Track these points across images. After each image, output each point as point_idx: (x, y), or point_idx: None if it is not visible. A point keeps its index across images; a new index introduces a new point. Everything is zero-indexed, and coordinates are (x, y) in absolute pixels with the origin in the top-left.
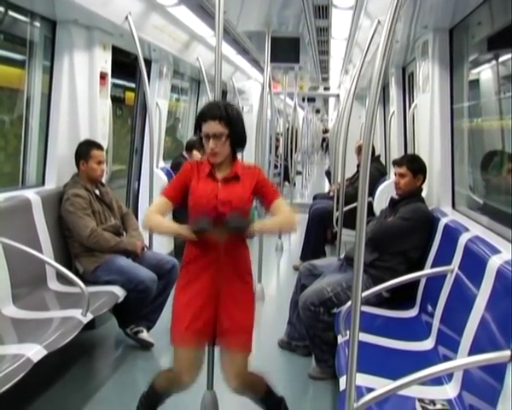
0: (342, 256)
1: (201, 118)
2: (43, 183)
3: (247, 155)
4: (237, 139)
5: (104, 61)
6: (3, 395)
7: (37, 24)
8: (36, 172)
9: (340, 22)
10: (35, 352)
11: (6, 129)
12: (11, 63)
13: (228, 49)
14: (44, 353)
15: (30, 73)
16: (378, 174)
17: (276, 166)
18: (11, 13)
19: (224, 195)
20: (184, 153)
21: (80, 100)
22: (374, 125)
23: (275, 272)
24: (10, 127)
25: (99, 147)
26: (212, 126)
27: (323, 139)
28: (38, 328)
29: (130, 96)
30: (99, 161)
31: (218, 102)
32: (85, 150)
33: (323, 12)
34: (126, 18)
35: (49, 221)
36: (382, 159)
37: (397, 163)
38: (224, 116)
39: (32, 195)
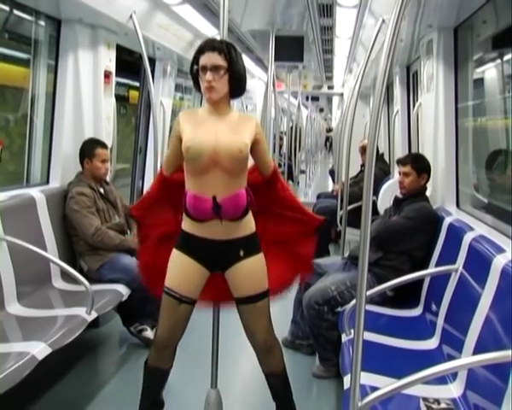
0: (346, 255)
1: (200, 50)
2: (47, 181)
3: None
4: (237, 79)
5: (108, 59)
6: (9, 393)
7: (42, 23)
8: (40, 170)
9: (344, 21)
10: (40, 350)
11: (11, 128)
12: (16, 62)
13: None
14: (49, 351)
15: (34, 72)
16: (382, 174)
17: (279, 165)
18: (16, 12)
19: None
20: None
21: (85, 98)
22: (379, 124)
23: None
24: (15, 126)
25: (103, 145)
26: (210, 57)
27: (327, 138)
28: (43, 326)
29: (134, 94)
30: (103, 160)
31: (218, 39)
32: (90, 149)
33: (328, 11)
34: (131, 17)
35: (53, 220)
36: (386, 158)
37: (401, 162)
38: (225, 49)
39: (36, 193)
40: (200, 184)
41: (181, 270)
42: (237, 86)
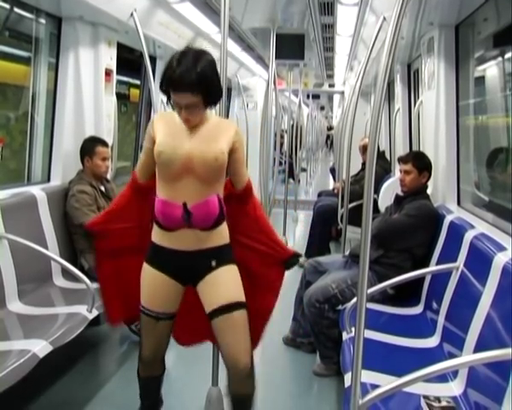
0: (347, 253)
1: (169, 85)
2: (48, 179)
3: (252, 152)
4: (212, 99)
5: (109, 57)
6: (10, 391)
7: (43, 21)
8: (41, 168)
9: (345, 19)
10: (41, 347)
11: (12, 125)
12: (17, 60)
13: (233, 46)
14: (50, 348)
15: (35, 70)
16: (383, 172)
17: (280, 163)
18: (17, 10)
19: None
20: None
21: (85, 96)
22: (380, 122)
23: None
24: (16, 124)
25: (104, 143)
26: (183, 98)
27: (328, 136)
28: (44, 324)
29: (134, 92)
30: (104, 158)
31: (187, 64)
32: (90, 147)
33: (329, 8)
34: (131, 15)
35: (54, 217)
36: (387, 156)
37: (402, 160)
38: (196, 84)
39: (37, 191)
40: (171, 191)
41: (153, 287)
42: (212, 99)
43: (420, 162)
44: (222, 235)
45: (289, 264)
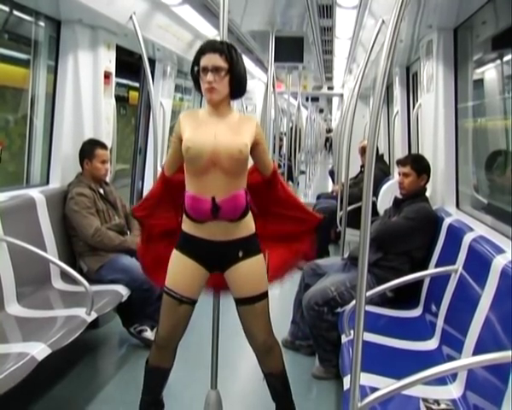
0: (346, 256)
1: (201, 51)
2: (47, 182)
3: None
4: (237, 81)
5: (108, 60)
6: (8, 394)
7: (42, 23)
8: (40, 171)
9: (344, 22)
10: (39, 350)
11: (11, 128)
12: (16, 63)
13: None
14: (49, 351)
15: (34, 73)
16: (382, 174)
17: (279, 166)
18: (16, 12)
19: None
20: None
21: (84, 99)
22: (378, 124)
23: None
24: (15, 126)
25: (103, 146)
26: (211, 58)
27: (327, 139)
28: (43, 327)
29: (133, 95)
30: (103, 160)
31: (219, 40)
32: (89, 149)
33: (327, 11)
34: (131, 17)
35: (53, 220)
36: (386, 158)
37: (401, 163)
38: (226, 51)
39: (36, 194)
40: (199, 185)
41: (181, 270)
42: (238, 87)
43: (418, 165)
44: (248, 226)
45: (318, 228)
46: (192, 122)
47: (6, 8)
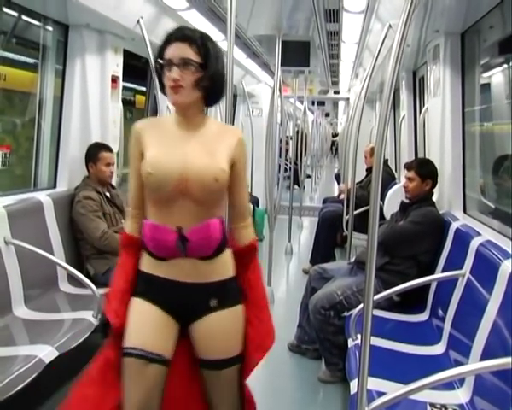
0: (352, 260)
1: (166, 39)
2: (54, 185)
3: (257, 159)
4: (212, 80)
5: (115, 64)
6: (16, 396)
7: (50, 28)
8: (48, 174)
9: (350, 26)
10: (47, 353)
11: (18, 132)
12: (24, 67)
13: (238, 53)
14: (56, 354)
15: (42, 77)
16: (388, 177)
17: (285, 170)
18: (24, 17)
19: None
20: None
21: (92, 103)
22: (386, 129)
23: (284, 275)
24: (22, 130)
25: (107, 149)
26: (178, 48)
27: (333, 143)
28: (50, 329)
29: (140, 99)
30: (107, 163)
31: (191, 28)
32: (94, 153)
33: (334, 16)
34: (138, 22)
35: (60, 223)
36: (392, 162)
37: (406, 167)
38: (198, 41)
39: (43, 197)
40: (161, 213)
41: (144, 321)
42: (213, 89)
43: (423, 170)
44: (225, 266)
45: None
46: (154, 134)
47: (15, 13)
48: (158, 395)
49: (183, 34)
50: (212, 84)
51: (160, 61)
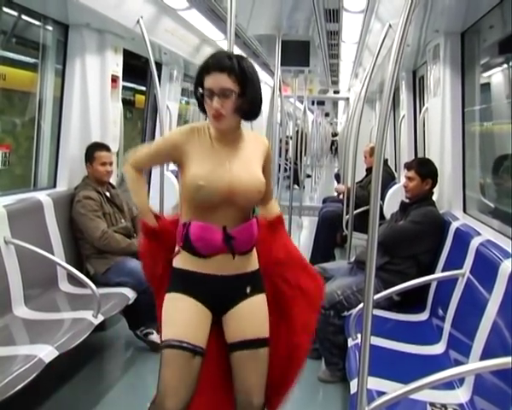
0: (352, 259)
1: (205, 69)
2: (54, 185)
3: None
4: (250, 105)
5: (115, 64)
6: (15, 396)
7: (50, 28)
8: (47, 174)
9: (350, 26)
10: (47, 353)
11: (18, 131)
12: (24, 66)
13: (238, 53)
14: (56, 354)
15: (42, 76)
16: (388, 177)
17: (285, 170)
18: (24, 17)
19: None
20: None
21: (92, 103)
22: (386, 129)
23: None
24: (22, 130)
25: (103, 148)
26: (218, 79)
27: (332, 143)
28: (50, 329)
29: (140, 98)
30: (103, 162)
31: (228, 52)
32: (90, 152)
33: (334, 15)
34: (138, 22)
35: (60, 223)
36: (392, 162)
37: (407, 166)
38: (236, 69)
39: (43, 197)
40: (205, 216)
41: (186, 315)
42: (251, 111)
43: (423, 169)
44: (255, 259)
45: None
46: (196, 146)
47: (15, 13)
48: (195, 387)
49: (221, 65)
50: (249, 107)
51: (201, 90)
